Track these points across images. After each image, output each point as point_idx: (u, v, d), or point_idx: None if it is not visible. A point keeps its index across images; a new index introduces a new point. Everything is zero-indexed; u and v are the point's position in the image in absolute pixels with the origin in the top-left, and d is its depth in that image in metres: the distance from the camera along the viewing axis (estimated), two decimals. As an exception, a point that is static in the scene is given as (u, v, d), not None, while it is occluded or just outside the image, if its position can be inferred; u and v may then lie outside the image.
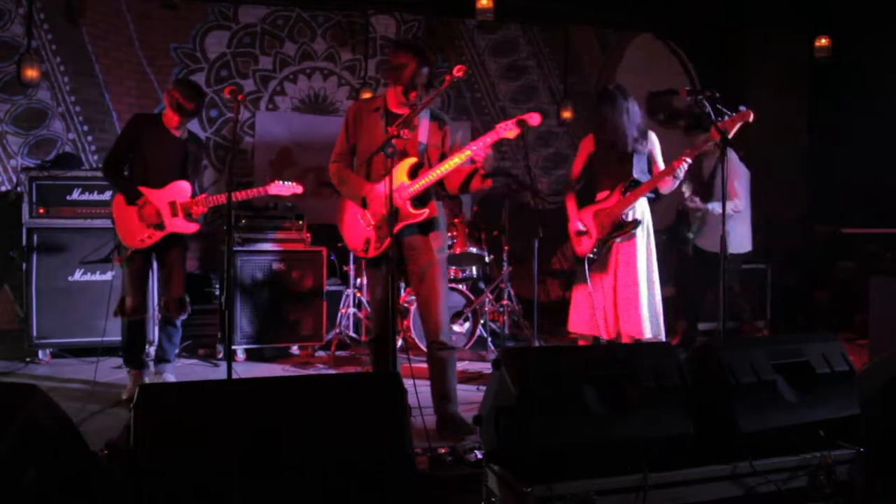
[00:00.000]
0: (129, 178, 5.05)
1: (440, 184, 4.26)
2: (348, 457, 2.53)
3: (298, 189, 5.20)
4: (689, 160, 4.70)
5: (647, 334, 4.88)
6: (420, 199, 4.22)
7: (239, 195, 4.91)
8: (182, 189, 5.02)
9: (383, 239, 4.13)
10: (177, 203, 4.98)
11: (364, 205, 4.21)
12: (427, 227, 4.29)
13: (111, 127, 7.63)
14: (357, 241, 4.27)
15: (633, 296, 4.89)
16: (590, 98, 9.23)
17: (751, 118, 4.33)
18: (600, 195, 5.02)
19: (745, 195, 6.07)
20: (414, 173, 4.19)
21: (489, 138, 4.06)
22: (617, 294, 4.92)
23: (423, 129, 4.29)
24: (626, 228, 4.85)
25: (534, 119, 4.03)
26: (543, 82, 9.20)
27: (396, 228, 4.05)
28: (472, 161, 4.07)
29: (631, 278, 4.91)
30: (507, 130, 4.03)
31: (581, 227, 5.00)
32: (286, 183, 5.15)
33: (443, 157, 4.28)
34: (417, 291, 4.36)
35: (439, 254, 4.32)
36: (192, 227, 5.05)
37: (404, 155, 4.19)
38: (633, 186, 4.86)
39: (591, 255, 4.91)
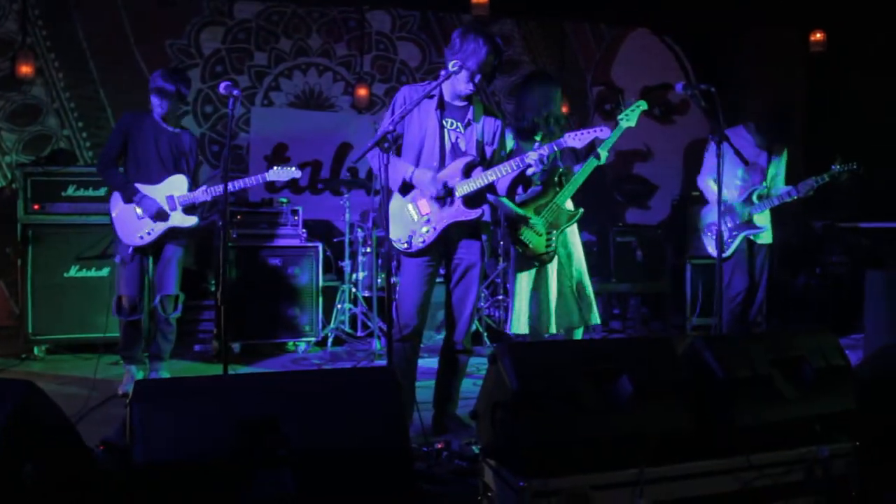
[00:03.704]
0: (125, 175, 5.05)
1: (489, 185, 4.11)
2: (344, 452, 2.53)
3: (297, 174, 5.15)
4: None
5: (597, 321, 5.08)
6: (473, 199, 4.07)
7: (237, 184, 4.90)
8: (179, 182, 5.02)
9: (428, 234, 4.03)
10: (175, 196, 4.98)
11: (405, 190, 4.06)
12: (476, 228, 4.16)
13: (106, 123, 7.62)
14: (400, 232, 4.07)
15: (585, 285, 5.02)
16: (585, 93, 9.25)
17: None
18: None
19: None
20: (468, 171, 4.05)
21: (556, 147, 4.05)
22: (567, 284, 4.97)
23: (479, 126, 4.14)
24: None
25: (604, 133, 4.04)
26: (531, 71, 9.18)
27: (446, 225, 4.02)
28: (526, 165, 3.97)
29: (579, 268, 5.01)
30: (575, 141, 4.04)
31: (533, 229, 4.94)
32: (284, 168, 5.11)
33: (494, 154, 4.17)
34: (452, 290, 4.22)
35: (482, 258, 4.19)
36: (189, 220, 5.04)
37: (461, 152, 4.09)
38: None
39: (550, 252, 4.90)
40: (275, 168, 5.10)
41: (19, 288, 6.13)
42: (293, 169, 5.14)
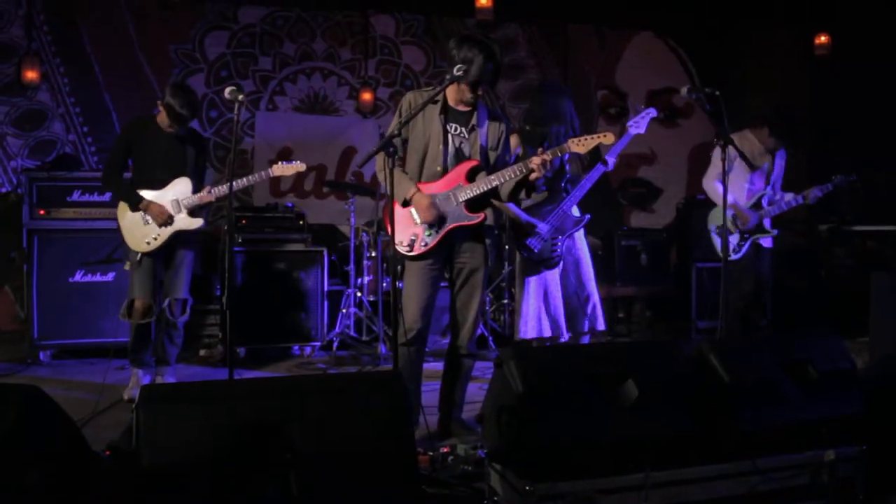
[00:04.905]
0: (130, 183, 5.06)
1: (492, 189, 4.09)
2: (350, 456, 2.53)
3: (302, 167, 5.17)
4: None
5: (603, 326, 5.12)
6: (476, 204, 4.06)
7: (241, 182, 4.92)
8: (183, 185, 5.03)
9: (431, 238, 4.03)
10: (179, 200, 4.99)
11: (405, 205, 4.05)
12: (480, 232, 4.14)
13: (111, 128, 7.63)
14: (403, 236, 4.06)
15: (592, 290, 5.02)
16: (589, 97, 9.25)
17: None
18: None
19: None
20: (472, 176, 4.05)
21: (560, 152, 4.08)
22: (574, 290, 5.00)
23: (483, 131, 4.13)
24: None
25: (608, 138, 4.07)
26: (543, 81, 9.18)
27: (449, 229, 4.02)
28: (529, 170, 3.96)
29: (587, 274, 5.02)
30: (579, 147, 4.06)
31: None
32: (287, 163, 5.12)
33: (498, 159, 4.17)
34: (456, 294, 4.21)
35: (486, 263, 4.18)
36: (195, 223, 5.05)
37: (465, 157, 4.09)
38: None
39: (556, 257, 4.90)
40: (278, 164, 5.11)
41: (25, 293, 6.14)
42: (297, 163, 5.15)
